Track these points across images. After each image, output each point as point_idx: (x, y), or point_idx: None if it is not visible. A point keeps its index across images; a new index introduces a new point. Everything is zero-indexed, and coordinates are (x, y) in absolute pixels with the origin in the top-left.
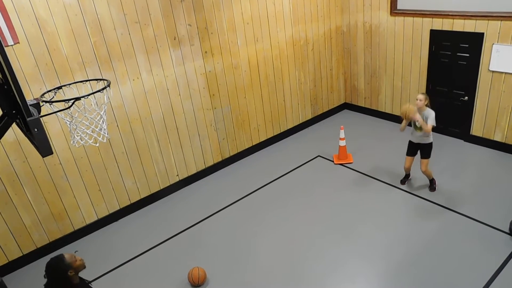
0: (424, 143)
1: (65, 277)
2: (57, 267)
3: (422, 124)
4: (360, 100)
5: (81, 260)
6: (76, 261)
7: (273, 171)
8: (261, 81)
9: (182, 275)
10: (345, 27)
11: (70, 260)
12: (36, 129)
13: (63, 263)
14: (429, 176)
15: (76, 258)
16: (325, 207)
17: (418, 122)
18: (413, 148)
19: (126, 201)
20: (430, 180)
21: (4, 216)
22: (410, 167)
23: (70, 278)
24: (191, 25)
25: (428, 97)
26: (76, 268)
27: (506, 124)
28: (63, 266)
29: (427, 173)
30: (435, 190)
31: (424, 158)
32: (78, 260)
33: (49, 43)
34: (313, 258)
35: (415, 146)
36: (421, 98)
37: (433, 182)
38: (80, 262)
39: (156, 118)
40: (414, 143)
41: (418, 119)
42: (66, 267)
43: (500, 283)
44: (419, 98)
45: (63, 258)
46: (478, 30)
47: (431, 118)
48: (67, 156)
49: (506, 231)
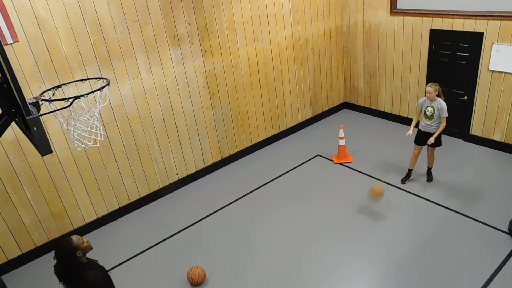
0: (432, 132)
1: (73, 257)
2: (66, 249)
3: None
4: (360, 99)
5: (87, 241)
6: (84, 243)
7: (273, 170)
8: (261, 81)
9: (182, 274)
10: (345, 26)
11: (78, 242)
12: (35, 128)
13: (71, 245)
14: (432, 163)
15: (83, 240)
16: (325, 207)
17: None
18: (421, 136)
19: (125, 200)
20: (429, 169)
21: (3, 215)
22: (417, 158)
23: (79, 258)
24: (191, 24)
25: (437, 86)
26: (83, 249)
27: (506, 124)
28: (71, 248)
29: (432, 159)
30: (431, 181)
31: (432, 147)
32: (85, 242)
33: (49, 42)
34: (312, 257)
35: (423, 135)
36: (430, 90)
37: (431, 173)
38: (87, 244)
39: (155, 117)
40: (422, 132)
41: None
42: (74, 249)
43: (499, 282)
44: (428, 91)
45: (70, 240)
46: (478, 29)
47: (444, 110)
48: (67, 155)
49: (505, 231)
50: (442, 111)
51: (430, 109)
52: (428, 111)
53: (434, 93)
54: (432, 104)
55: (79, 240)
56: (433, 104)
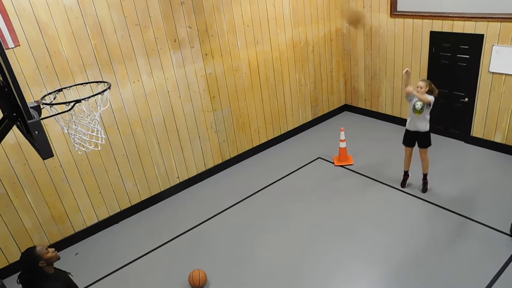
0: (422, 131)
1: (35, 267)
2: (27, 258)
3: (421, 97)
4: (361, 101)
5: (53, 251)
6: (48, 253)
7: (274, 173)
8: (261, 83)
9: (183, 277)
10: (345, 29)
11: (40, 252)
12: (36, 132)
13: (32, 254)
14: (426, 167)
15: (48, 250)
16: (326, 209)
17: (413, 94)
18: (410, 137)
19: (126, 203)
20: (424, 176)
21: (4, 219)
22: (410, 159)
23: (42, 269)
24: (192, 28)
25: (430, 83)
26: (47, 259)
27: (507, 126)
28: (32, 258)
29: (426, 162)
30: (426, 191)
31: (423, 148)
32: (50, 252)
33: (50, 45)
34: (313, 260)
35: (412, 135)
36: (422, 85)
37: (426, 182)
38: (52, 254)
39: (156, 120)
40: (411, 131)
41: (410, 90)
42: (36, 259)
43: (501, 285)
44: (419, 86)
45: (33, 250)
46: (478, 31)
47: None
48: (68, 159)
49: (507, 233)
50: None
51: (419, 103)
52: (418, 105)
53: (425, 88)
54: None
55: (42, 250)
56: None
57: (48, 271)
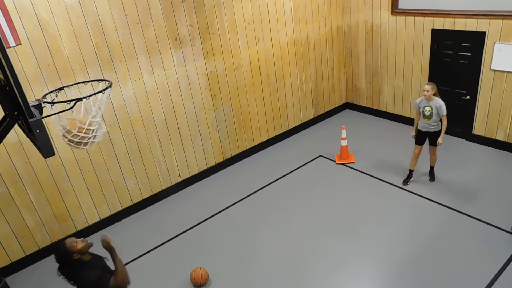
0: (432, 131)
1: (70, 259)
2: (61, 254)
3: (443, 129)
4: (362, 99)
5: (82, 241)
6: (78, 245)
7: (275, 171)
8: (263, 81)
9: (185, 275)
10: (346, 27)
11: (71, 246)
12: (38, 130)
13: (64, 250)
14: (434, 162)
15: (77, 241)
16: (327, 207)
17: (439, 143)
18: (421, 136)
19: (128, 202)
20: (431, 168)
21: (6, 217)
22: (417, 158)
23: (78, 260)
24: (192, 26)
25: (435, 86)
26: (79, 251)
27: (508, 123)
28: (66, 253)
29: (434, 158)
30: (434, 180)
31: (434, 146)
32: (80, 242)
33: (51, 44)
34: (315, 258)
35: (423, 135)
36: (428, 88)
37: (433, 172)
38: (82, 244)
39: (157, 118)
40: (422, 131)
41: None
42: (68, 253)
43: (503, 282)
44: (426, 89)
45: (63, 245)
46: (480, 29)
47: (443, 108)
48: (69, 157)
49: (508, 231)
50: (441, 109)
51: (428, 108)
52: (426, 111)
53: (431, 91)
54: (429, 103)
55: (71, 243)
56: (431, 103)
57: (84, 259)
